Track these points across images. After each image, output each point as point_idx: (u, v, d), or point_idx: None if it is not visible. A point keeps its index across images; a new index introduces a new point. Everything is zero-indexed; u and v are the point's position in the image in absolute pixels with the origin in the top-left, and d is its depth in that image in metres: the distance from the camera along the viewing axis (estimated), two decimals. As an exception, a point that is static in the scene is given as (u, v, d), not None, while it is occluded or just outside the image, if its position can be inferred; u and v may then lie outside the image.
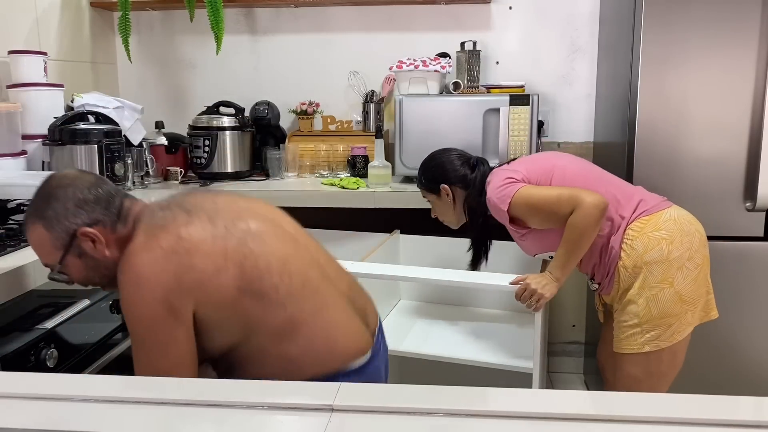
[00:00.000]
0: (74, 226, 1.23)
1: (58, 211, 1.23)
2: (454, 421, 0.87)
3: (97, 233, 1.24)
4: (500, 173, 1.94)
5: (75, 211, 1.23)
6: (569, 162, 1.97)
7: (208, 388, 0.98)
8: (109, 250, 1.26)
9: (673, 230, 1.80)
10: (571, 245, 1.81)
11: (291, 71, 3.04)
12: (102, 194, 1.26)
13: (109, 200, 1.26)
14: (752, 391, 2.36)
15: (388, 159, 2.63)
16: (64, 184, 1.25)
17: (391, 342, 2.20)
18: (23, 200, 1.96)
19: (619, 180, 1.95)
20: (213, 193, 1.38)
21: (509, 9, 2.88)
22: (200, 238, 1.21)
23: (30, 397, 0.95)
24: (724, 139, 2.23)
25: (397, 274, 2.09)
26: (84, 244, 1.25)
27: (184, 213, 1.25)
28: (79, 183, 1.26)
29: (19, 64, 2.32)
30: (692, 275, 1.81)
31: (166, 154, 2.78)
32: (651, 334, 1.81)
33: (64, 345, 1.56)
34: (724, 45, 2.18)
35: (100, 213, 1.25)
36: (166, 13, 3.07)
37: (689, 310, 1.81)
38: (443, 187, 2.05)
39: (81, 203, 1.24)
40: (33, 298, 1.64)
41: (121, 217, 1.27)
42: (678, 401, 0.91)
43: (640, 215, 1.83)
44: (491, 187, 1.93)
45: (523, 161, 2.00)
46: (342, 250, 2.57)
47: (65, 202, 1.23)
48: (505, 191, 1.87)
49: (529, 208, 1.85)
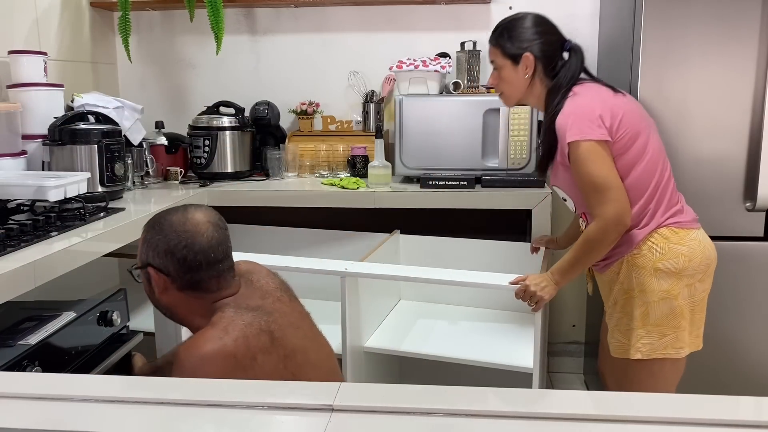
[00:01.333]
0: (148, 260, 1.40)
1: (152, 241, 1.39)
2: (454, 421, 0.87)
3: (156, 277, 1.38)
4: (594, 101, 1.73)
5: (157, 252, 1.38)
6: (655, 134, 1.83)
7: (208, 388, 0.98)
8: (164, 296, 1.40)
9: (696, 250, 1.77)
10: (580, 254, 1.76)
11: (291, 71, 3.04)
12: (192, 261, 1.36)
13: (193, 268, 1.37)
14: (752, 391, 2.36)
15: (388, 159, 2.64)
16: (181, 229, 1.38)
17: (391, 342, 2.21)
18: (23, 200, 1.95)
19: (672, 179, 1.85)
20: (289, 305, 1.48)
21: (509, 9, 2.88)
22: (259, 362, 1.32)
23: (30, 397, 0.95)
24: (724, 139, 2.23)
25: (397, 274, 2.09)
26: (150, 276, 1.41)
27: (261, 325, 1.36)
28: (188, 242, 1.37)
29: (19, 64, 2.32)
30: (698, 297, 1.80)
31: (166, 154, 2.78)
32: (644, 341, 1.80)
33: (50, 361, 1.51)
34: (725, 45, 2.18)
35: (173, 269, 1.37)
36: (166, 13, 3.07)
37: (686, 328, 1.79)
38: (526, 56, 1.81)
39: (166, 253, 1.37)
40: (15, 311, 1.60)
41: (199, 288, 1.39)
42: (678, 401, 0.91)
43: (672, 224, 1.78)
44: (575, 103, 1.74)
45: (624, 106, 1.76)
46: (342, 250, 2.57)
47: (160, 241, 1.38)
48: (583, 127, 1.70)
49: (576, 162, 1.73)
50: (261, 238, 2.69)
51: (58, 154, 2.21)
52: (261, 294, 1.45)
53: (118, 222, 1.97)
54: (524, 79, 1.83)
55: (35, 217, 1.90)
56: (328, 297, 2.32)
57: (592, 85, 1.81)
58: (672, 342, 1.79)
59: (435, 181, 2.53)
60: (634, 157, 1.75)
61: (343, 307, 1.98)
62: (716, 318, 2.37)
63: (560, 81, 1.81)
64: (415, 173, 2.62)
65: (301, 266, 2.02)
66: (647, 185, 1.77)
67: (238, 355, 1.27)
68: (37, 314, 1.63)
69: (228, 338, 1.28)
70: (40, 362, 1.47)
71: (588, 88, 1.79)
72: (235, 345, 1.28)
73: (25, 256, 1.57)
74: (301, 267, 2.02)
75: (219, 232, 1.40)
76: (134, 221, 2.01)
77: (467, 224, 2.71)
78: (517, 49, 1.81)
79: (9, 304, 1.47)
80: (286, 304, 1.48)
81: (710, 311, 2.39)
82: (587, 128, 1.70)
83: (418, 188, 2.55)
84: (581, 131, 1.70)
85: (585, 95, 1.76)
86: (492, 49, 1.88)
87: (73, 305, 1.76)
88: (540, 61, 1.82)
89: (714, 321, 2.38)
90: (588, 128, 1.70)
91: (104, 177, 2.21)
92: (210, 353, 1.26)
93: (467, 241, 2.47)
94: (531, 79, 1.83)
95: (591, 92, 1.77)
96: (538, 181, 2.52)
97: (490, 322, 2.38)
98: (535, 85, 1.85)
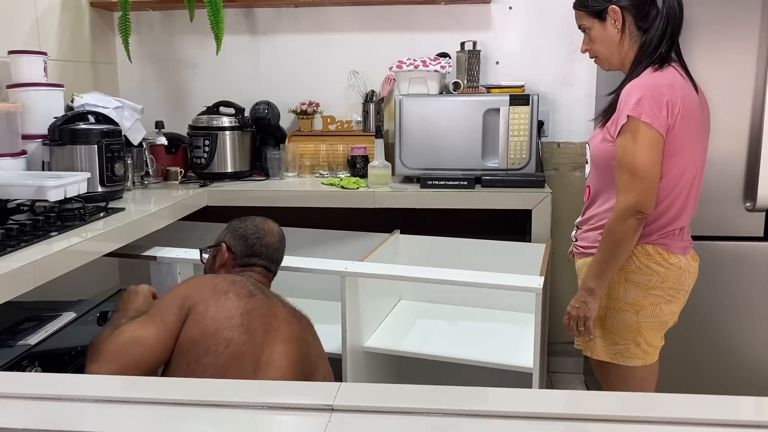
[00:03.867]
0: (224, 239, 1.80)
1: (234, 226, 1.82)
2: (454, 421, 0.87)
3: (224, 253, 1.77)
4: (674, 90, 1.62)
5: (234, 235, 1.80)
6: (701, 151, 1.76)
7: (208, 388, 0.98)
8: (220, 270, 1.77)
9: (671, 274, 1.72)
10: (606, 254, 1.68)
11: (291, 71, 3.04)
12: (256, 250, 1.78)
13: (254, 254, 1.78)
14: (752, 391, 2.36)
15: (388, 159, 2.63)
16: (260, 227, 1.82)
17: (391, 342, 2.21)
18: (23, 200, 1.95)
19: (693, 206, 1.77)
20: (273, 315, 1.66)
21: (509, 9, 2.88)
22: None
23: (30, 397, 0.95)
24: (724, 139, 2.23)
25: (397, 274, 2.09)
26: (219, 252, 1.79)
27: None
28: (260, 235, 1.80)
29: (19, 64, 2.32)
30: (662, 318, 1.75)
31: (166, 154, 2.78)
32: (597, 341, 1.79)
33: (50, 361, 1.51)
34: (724, 45, 2.18)
35: (240, 250, 1.77)
36: (166, 13, 3.07)
37: (639, 344, 1.75)
38: (612, 9, 1.70)
39: (241, 237, 1.79)
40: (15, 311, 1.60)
41: (242, 267, 1.77)
42: (678, 401, 0.91)
43: (660, 245, 1.71)
44: (647, 79, 1.64)
45: (693, 115, 1.67)
46: (342, 250, 2.57)
47: (240, 228, 1.81)
48: (644, 107, 1.59)
49: (624, 137, 1.63)
50: (261, 238, 2.69)
51: (58, 154, 2.20)
52: (268, 302, 1.65)
53: (118, 222, 1.96)
54: (615, 34, 1.71)
55: (35, 217, 1.90)
56: (328, 297, 2.32)
57: (677, 74, 1.68)
58: (623, 351, 1.77)
59: (435, 181, 2.53)
60: (669, 169, 1.67)
61: (343, 307, 1.98)
62: (716, 318, 2.38)
63: (650, 38, 1.68)
64: (415, 173, 2.62)
65: (301, 266, 2.02)
66: (661, 200, 1.69)
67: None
68: (37, 314, 1.63)
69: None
70: (40, 362, 1.47)
71: (673, 76, 1.67)
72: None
73: (25, 256, 1.57)
74: (301, 267, 2.02)
75: (281, 244, 1.85)
76: (134, 221, 2.01)
77: (467, 224, 2.71)
78: (601, 4, 1.71)
79: (9, 304, 1.47)
80: (281, 318, 1.64)
81: (710, 311, 2.39)
82: (648, 109, 1.60)
83: (418, 188, 2.55)
84: (644, 112, 1.60)
85: (666, 77, 1.66)
86: (577, 13, 1.79)
87: (73, 305, 1.76)
88: (628, 11, 1.70)
89: (714, 321, 2.38)
90: (650, 111, 1.60)
91: (104, 177, 2.21)
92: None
93: (467, 241, 2.47)
94: (621, 33, 1.71)
95: (676, 80, 1.66)
96: (538, 181, 2.52)
97: (490, 322, 2.38)
98: (624, 43, 1.73)
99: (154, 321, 1.48)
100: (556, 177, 2.92)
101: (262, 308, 1.58)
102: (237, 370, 1.47)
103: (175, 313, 1.50)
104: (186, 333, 1.48)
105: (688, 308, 1.82)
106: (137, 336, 1.44)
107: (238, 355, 1.48)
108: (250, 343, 1.51)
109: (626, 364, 1.77)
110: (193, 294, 1.54)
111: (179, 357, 1.46)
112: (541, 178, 2.54)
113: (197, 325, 1.48)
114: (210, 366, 1.45)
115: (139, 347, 1.43)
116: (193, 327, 1.48)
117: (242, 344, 1.49)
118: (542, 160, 2.82)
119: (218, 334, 1.48)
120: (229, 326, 1.50)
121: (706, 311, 2.36)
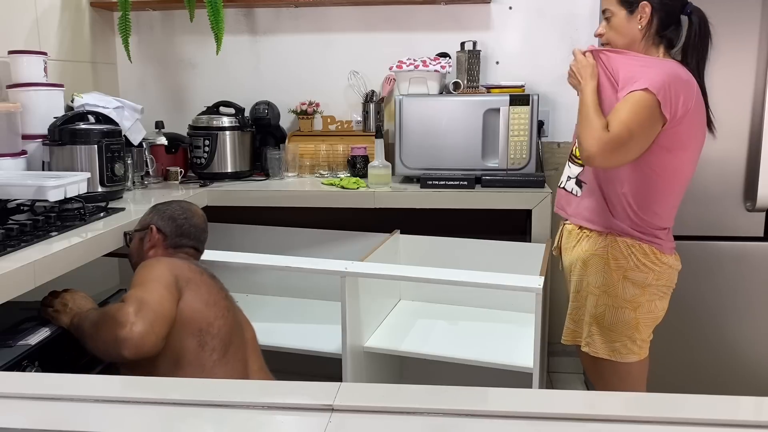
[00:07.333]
0: (152, 222, 1.83)
1: (160, 209, 1.87)
2: (454, 421, 0.87)
3: (154, 235, 1.81)
4: (690, 86, 1.65)
5: (162, 217, 1.84)
6: (697, 159, 1.79)
7: (208, 388, 0.99)
8: (151, 251, 1.80)
9: (665, 273, 1.79)
10: (582, 117, 1.69)
11: (291, 71, 3.04)
12: (186, 229, 1.85)
13: (184, 234, 1.84)
14: (752, 391, 2.36)
15: (388, 159, 2.63)
16: (185, 207, 1.89)
17: (391, 342, 2.21)
18: (23, 200, 1.95)
19: (679, 200, 1.82)
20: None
21: (509, 9, 2.88)
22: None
23: (30, 397, 0.95)
24: (724, 139, 2.23)
25: (397, 274, 2.09)
26: (148, 234, 1.83)
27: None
28: (188, 216, 1.87)
29: (19, 64, 2.32)
30: (655, 314, 1.82)
31: (166, 154, 2.78)
32: (595, 338, 1.83)
33: (50, 361, 1.50)
34: (724, 45, 2.17)
35: (170, 230, 1.82)
36: (166, 13, 3.07)
37: (636, 340, 1.81)
38: (644, 4, 1.69)
39: (169, 218, 1.84)
40: (15, 311, 1.59)
41: (178, 250, 1.83)
42: (678, 401, 0.91)
43: (655, 244, 1.77)
44: (671, 65, 1.67)
45: (698, 112, 1.70)
46: (342, 250, 2.57)
47: (167, 210, 1.86)
48: (664, 87, 1.59)
49: (626, 100, 1.62)
50: (261, 238, 2.69)
51: (58, 154, 2.20)
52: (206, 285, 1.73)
53: (118, 222, 1.96)
54: (637, 30, 1.71)
55: (35, 217, 1.90)
56: (328, 297, 2.32)
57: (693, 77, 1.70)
58: (620, 348, 1.82)
59: (435, 181, 2.53)
60: (669, 162, 1.70)
61: (343, 307, 1.98)
62: (716, 318, 2.38)
63: (690, 34, 1.71)
64: (415, 173, 2.62)
65: (301, 266, 2.02)
66: (659, 199, 1.75)
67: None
68: (37, 314, 1.63)
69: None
70: (40, 362, 1.47)
71: (691, 75, 1.69)
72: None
73: (25, 256, 1.57)
74: (301, 267, 2.02)
75: (204, 225, 1.92)
76: (134, 221, 2.01)
77: (467, 224, 2.71)
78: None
79: (9, 304, 1.47)
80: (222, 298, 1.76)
81: (710, 311, 2.39)
82: (667, 92, 1.59)
83: (418, 188, 2.55)
84: (659, 86, 1.58)
85: (684, 71, 1.66)
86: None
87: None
88: (657, 14, 1.70)
89: (714, 321, 2.38)
90: (667, 92, 1.59)
91: (104, 177, 2.21)
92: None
93: (467, 241, 2.47)
94: (643, 32, 1.71)
95: (690, 78, 1.67)
96: (538, 181, 2.52)
97: (490, 322, 2.38)
98: (642, 42, 1.74)
99: (155, 286, 1.56)
100: (556, 177, 2.91)
101: (216, 281, 1.78)
102: (239, 334, 1.73)
103: (174, 284, 1.60)
104: (187, 304, 1.60)
105: (688, 308, 1.83)
106: (161, 294, 1.55)
107: (236, 321, 1.73)
108: (234, 310, 1.76)
109: (623, 361, 1.82)
110: (180, 274, 1.65)
111: (189, 323, 1.59)
112: (541, 178, 2.54)
113: (198, 298, 1.63)
114: (222, 327, 1.64)
115: (163, 300, 1.54)
116: (194, 299, 1.62)
117: (236, 312, 1.77)
118: (542, 160, 2.82)
119: (218, 303, 1.67)
120: (221, 297, 1.71)
121: (706, 311, 2.36)
